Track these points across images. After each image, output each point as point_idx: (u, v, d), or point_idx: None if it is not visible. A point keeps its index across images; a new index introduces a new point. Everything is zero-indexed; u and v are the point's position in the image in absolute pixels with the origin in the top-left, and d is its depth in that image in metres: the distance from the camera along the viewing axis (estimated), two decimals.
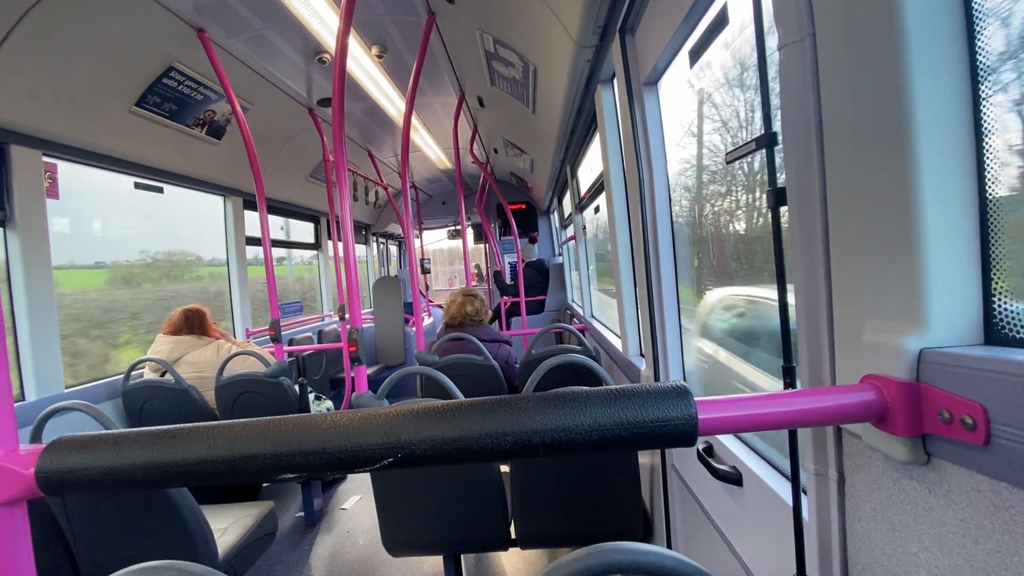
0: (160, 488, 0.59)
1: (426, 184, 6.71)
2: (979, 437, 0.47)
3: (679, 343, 1.60)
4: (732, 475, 1.06)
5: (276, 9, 2.27)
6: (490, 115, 3.86)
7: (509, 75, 2.77)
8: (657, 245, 1.56)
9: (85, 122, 2.35)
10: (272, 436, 0.58)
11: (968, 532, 0.50)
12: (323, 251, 5.30)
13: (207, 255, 3.88)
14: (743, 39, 1.14)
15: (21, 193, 2.14)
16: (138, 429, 0.61)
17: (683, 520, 1.49)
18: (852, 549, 0.69)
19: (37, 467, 0.59)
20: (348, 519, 2.85)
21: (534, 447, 0.55)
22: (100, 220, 3.03)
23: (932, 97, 0.53)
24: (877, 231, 0.59)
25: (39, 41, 1.91)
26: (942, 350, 0.53)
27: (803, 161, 0.71)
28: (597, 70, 2.02)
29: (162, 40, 2.29)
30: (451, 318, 2.82)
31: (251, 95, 3.00)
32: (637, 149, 1.55)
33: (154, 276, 3.45)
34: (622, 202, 2.08)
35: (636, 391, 0.56)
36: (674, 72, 1.47)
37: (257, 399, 2.57)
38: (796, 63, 0.70)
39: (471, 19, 2.36)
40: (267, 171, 3.46)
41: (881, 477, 0.62)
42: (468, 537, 1.62)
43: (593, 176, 3.30)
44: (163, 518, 1.43)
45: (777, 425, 0.59)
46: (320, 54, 2.79)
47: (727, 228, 1.45)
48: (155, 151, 2.82)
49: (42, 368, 2.21)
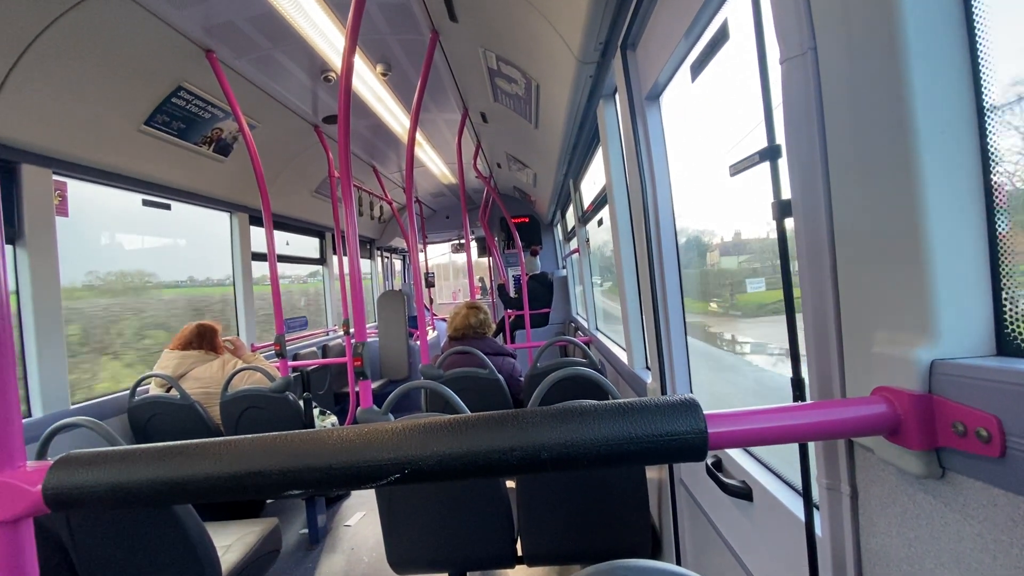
0: (167, 505, 0.59)
1: (430, 199, 6.76)
2: (994, 450, 0.47)
3: (685, 356, 1.59)
4: (742, 490, 1.05)
5: (283, 29, 2.31)
6: (493, 130, 3.90)
7: (512, 91, 2.81)
8: (662, 258, 1.56)
9: (95, 141, 2.39)
10: (279, 452, 0.58)
11: (986, 547, 0.49)
12: (328, 266, 5.33)
13: (177, 274, 3.61)
14: (744, 52, 1.16)
15: (31, 211, 2.17)
16: (145, 445, 0.60)
17: (692, 536, 1.46)
18: (867, 565, 0.67)
19: (44, 484, 0.59)
20: (352, 536, 2.82)
21: (542, 462, 0.55)
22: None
23: (935, 107, 0.54)
24: (884, 242, 0.59)
25: (51, 62, 1.95)
26: (954, 361, 0.52)
27: (808, 173, 0.71)
28: (599, 85, 2.05)
29: (171, 61, 2.34)
30: (455, 330, 2.83)
31: (258, 113, 3.05)
32: (640, 163, 1.55)
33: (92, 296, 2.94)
34: (625, 215, 2.08)
35: (645, 405, 0.56)
36: (676, 86, 1.48)
37: (262, 414, 2.56)
38: (798, 76, 0.71)
39: (474, 37, 2.40)
40: (273, 187, 3.49)
41: (895, 491, 0.61)
42: (474, 554, 1.60)
43: (596, 189, 3.32)
44: (167, 535, 1.42)
45: (788, 439, 0.59)
46: (326, 72, 2.84)
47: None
48: (163, 169, 2.86)
49: (48, 385, 2.22)
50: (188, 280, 3.77)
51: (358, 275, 1.91)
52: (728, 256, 1.81)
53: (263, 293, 3.94)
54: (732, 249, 1.79)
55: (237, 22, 2.23)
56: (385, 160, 4.82)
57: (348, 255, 1.90)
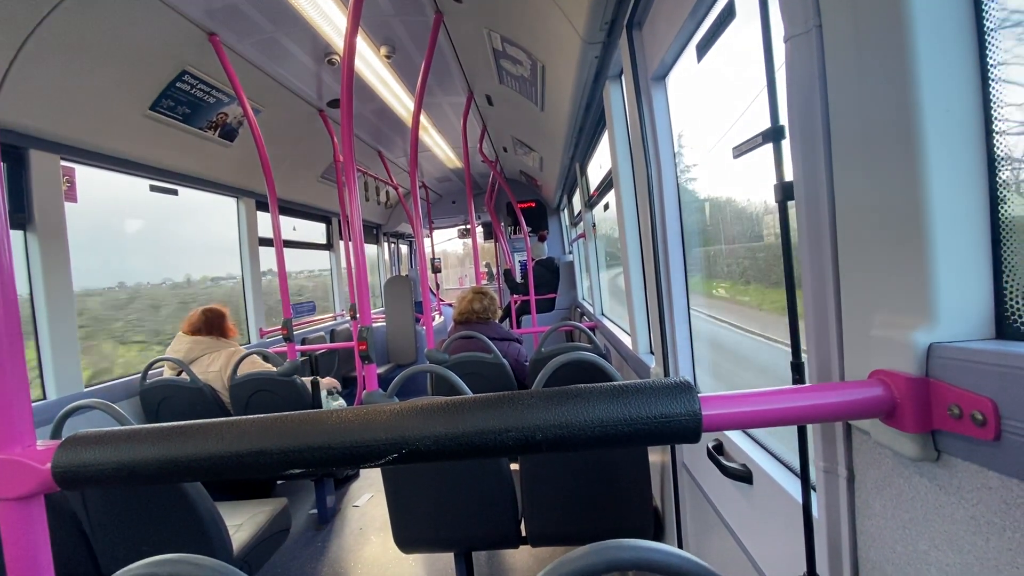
0: (172, 483, 0.61)
1: (436, 183, 6.73)
2: (989, 433, 0.47)
3: (689, 340, 1.59)
4: (742, 473, 1.05)
5: (285, 11, 2.29)
6: (499, 113, 3.86)
7: (517, 73, 2.77)
8: (666, 241, 1.55)
9: (101, 126, 2.40)
10: (280, 432, 0.59)
11: (979, 529, 0.49)
12: (335, 251, 5.35)
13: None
14: (750, 32, 1.13)
15: (40, 197, 2.19)
16: (150, 425, 0.62)
17: (693, 518, 1.48)
18: (862, 547, 0.68)
19: (53, 462, 0.60)
20: (360, 516, 2.87)
21: (537, 443, 0.55)
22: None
23: (941, 87, 0.52)
24: (885, 224, 0.58)
25: (55, 47, 1.95)
26: (952, 344, 0.52)
27: (810, 155, 0.70)
28: (605, 66, 2.01)
29: (175, 45, 2.33)
30: (459, 314, 2.85)
31: (262, 97, 3.04)
32: (645, 145, 1.54)
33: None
34: (631, 198, 2.07)
35: (639, 387, 0.56)
36: (682, 66, 1.46)
37: (271, 398, 2.61)
38: (803, 55, 0.69)
39: (479, 17, 2.36)
40: (278, 172, 3.50)
41: (891, 474, 0.61)
42: (479, 535, 1.63)
43: (603, 173, 3.29)
44: (179, 514, 1.46)
45: (784, 421, 0.59)
46: (329, 55, 2.81)
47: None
48: (169, 154, 2.87)
49: (62, 368, 2.26)
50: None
51: (363, 260, 1.92)
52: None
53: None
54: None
55: (239, 4, 2.21)
56: (391, 144, 4.80)
57: (353, 240, 1.90)
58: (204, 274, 3.84)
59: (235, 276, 3.90)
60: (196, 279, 3.78)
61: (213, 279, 3.92)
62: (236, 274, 3.89)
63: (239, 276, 3.86)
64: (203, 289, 3.81)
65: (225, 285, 3.95)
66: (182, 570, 0.48)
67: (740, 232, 1.62)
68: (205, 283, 3.85)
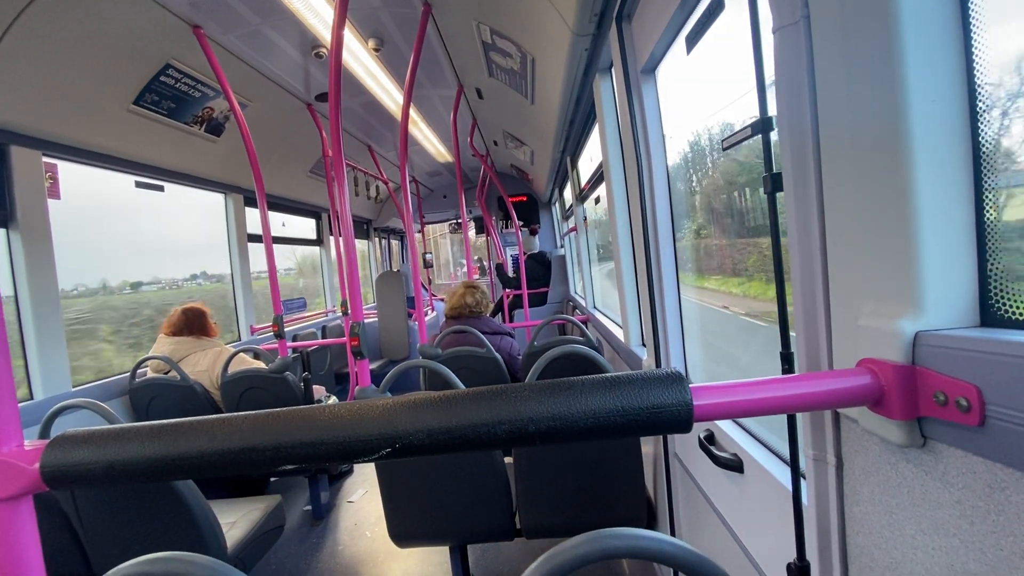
0: (163, 481, 0.60)
1: (427, 178, 6.69)
2: (973, 418, 0.47)
3: (680, 332, 1.60)
4: (733, 462, 1.07)
5: (271, 3, 2.26)
6: (489, 107, 3.84)
7: (507, 66, 2.76)
8: (657, 234, 1.56)
9: (84, 121, 2.35)
10: (271, 429, 0.59)
11: (964, 513, 0.50)
12: (325, 247, 5.31)
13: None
14: (740, 24, 1.13)
15: (22, 194, 2.15)
16: (140, 424, 0.61)
17: (686, 507, 1.50)
18: (851, 532, 0.69)
19: (41, 462, 0.60)
20: (355, 512, 2.87)
21: (530, 435, 0.55)
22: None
23: (927, 77, 0.53)
24: (873, 214, 0.59)
25: (34, 40, 1.90)
26: (937, 332, 0.53)
27: (798, 146, 0.70)
28: (595, 59, 2.01)
29: (158, 37, 2.28)
30: (451, 309, 2.84)
31: (249, 91, 3.00)
32: (636, 138, 1.54)
33: None
34: (622, 192, 2.07)
35: (630, 378, 0.56)
36: (671, 59, 1.46)
37: (262, 395, 2.59)
38: (791, 46, 0.69)
39: (467, 9, 2.34)
40: (267, 167, 3.46)
41: (878, 461, 0.62)
42: (473, 528, 1.64)
43: (593, 166, 3.29)
44: (172, 512, 1.45)
45: (773, 410, 0.59)
46: (317, 48, 2.78)
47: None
48: (154, 149, 2.82)
49: (48, 367, 2.23)
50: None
51: (354, 256, 1.91)
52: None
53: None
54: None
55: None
56: (380, 139, 4.76)
57: (343, 236, 1.89)
58: (172, 276, 3.72)
59: (214, 275, 3.85)
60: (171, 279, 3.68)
61: (192, 277, 3.86)
62: (213, 273, 3.83)
63: (217, 275, 3.81)
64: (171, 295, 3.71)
65: (205, 286, 3.90)
66: (175, 568, 0.47)
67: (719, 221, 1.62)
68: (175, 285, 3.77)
